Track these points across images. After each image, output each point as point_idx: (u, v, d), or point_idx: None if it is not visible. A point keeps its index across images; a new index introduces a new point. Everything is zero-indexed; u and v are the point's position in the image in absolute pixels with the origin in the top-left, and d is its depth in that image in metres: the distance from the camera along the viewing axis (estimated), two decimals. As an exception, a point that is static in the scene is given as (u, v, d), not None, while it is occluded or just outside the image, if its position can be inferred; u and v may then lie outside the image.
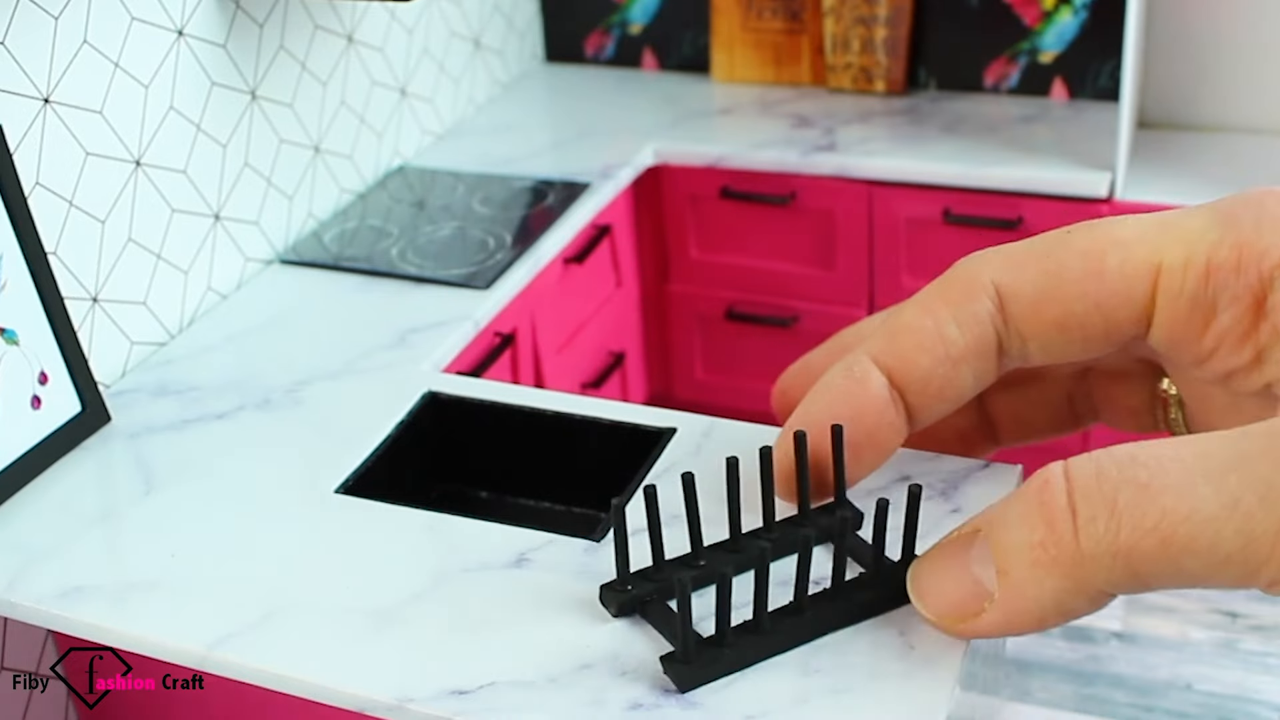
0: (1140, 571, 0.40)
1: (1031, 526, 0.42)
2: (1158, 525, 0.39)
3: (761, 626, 0.60)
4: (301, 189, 1.61)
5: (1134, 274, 0.45)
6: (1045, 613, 0.43)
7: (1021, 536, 0.42)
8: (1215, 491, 0.38)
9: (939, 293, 0.49)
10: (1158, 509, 0.39)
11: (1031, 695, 1.74)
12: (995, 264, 0.48)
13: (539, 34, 2.24)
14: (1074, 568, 0.41)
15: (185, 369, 1.31)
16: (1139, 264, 0.45)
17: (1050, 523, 0.41)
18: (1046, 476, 0.42)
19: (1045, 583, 0.42)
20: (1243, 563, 0.38)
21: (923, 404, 0.50)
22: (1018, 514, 0.43)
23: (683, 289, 2.01)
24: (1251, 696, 1.72)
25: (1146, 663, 1.78)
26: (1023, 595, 0.43)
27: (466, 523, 0.94)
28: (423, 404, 1.19)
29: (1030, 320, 0.47)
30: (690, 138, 1.92)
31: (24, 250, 1.12)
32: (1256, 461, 0.38)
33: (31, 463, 1.09)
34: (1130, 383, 0.53)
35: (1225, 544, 0.38)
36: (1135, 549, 0.39)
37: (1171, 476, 0.39)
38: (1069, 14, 1.91)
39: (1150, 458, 0.39)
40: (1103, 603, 0.43)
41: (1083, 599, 0.42)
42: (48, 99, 1.20)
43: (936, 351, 0.49)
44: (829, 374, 0.52)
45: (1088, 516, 0.40)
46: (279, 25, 1.54)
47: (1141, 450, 0.40)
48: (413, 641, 0.80)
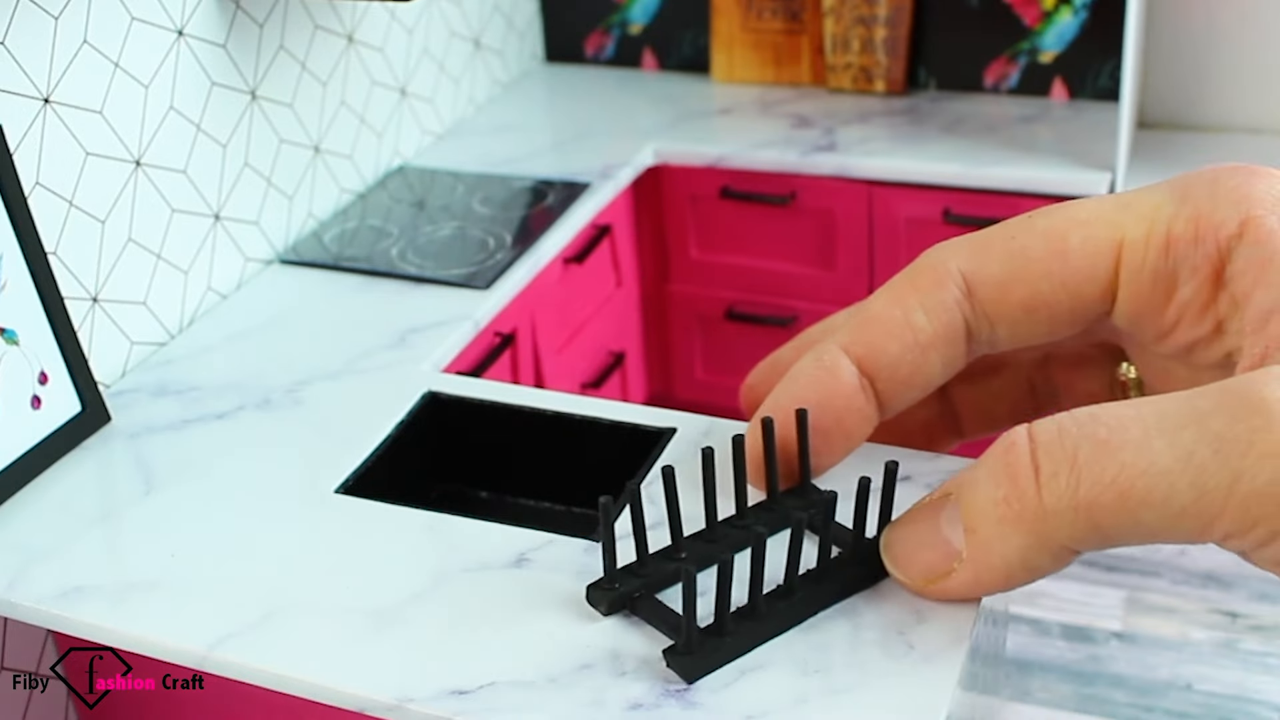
0: (1101, 525, 0.42)
1: (996, 483, 0.44)
2: (1116, 479, 0.40)
3: (758, 611, 0.60)
4: (301, 189, 1.61)
5: (1096, 251, 0.47)
6: (1012, 569, 0.46)
7: (987, 494, 0.45)
8: (1170, 445, 0.40)
9: (907, 282, 0.50)
10: (1116, 464, 0.40)
11: (1031, 695, 1.74)
12: (961, 252, 0.50)
13: (539, 34, 2.24)
14: (1037, 523, 0.43)
15: (185, 369, 1.31)
16: (1101, 241, 0.47)
17: (1014, 479, 0.43)
18: (1012, 438, 0.44)
19: (1011, 539, 0.44)
20: (1197, 515, 0.40)
21: (892, 391, 0.51)
22: (985, 474, 0.45)
23: (683, 289, 2.01)
24: (1251, 696, 1.72)
25: (1146, 663, 1.78)
26: (989, 552, 0.46)
27: (466, 523, 0.94)
28: (423, 404, 1.19)
29: (997, 303, 0.49)
30: (690, 138, 1.92)
31: (24, 250, 1.12)
32: (1210, 417, 0.39)
33: (31, 463, 1.09)
34: (1090, 368, 0.55)
35: (1180, 497, 0.40)
36: (1095, 503, 0.41)
37: (1130, 433, 0.40)
38: (1069, 14, 1.91)
39: (1110, 416, 0.41)
40: (1067, 560, 0.45)
41: (1047, 555, 0.44)
42: (48, 99, 1.20)
43: (905, 339, 0.50)
44: (799, 363, 0.53)
45: (1050, 472, 0.42)
46: (279, 25, 1.54)
47: (1102, 410, 0.42)
48: (413, 641, 0.80)
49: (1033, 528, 0.43)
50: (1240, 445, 0.38)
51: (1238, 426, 0.38)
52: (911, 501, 0.52)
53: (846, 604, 0.70)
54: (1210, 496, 0.39)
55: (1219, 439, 0.39)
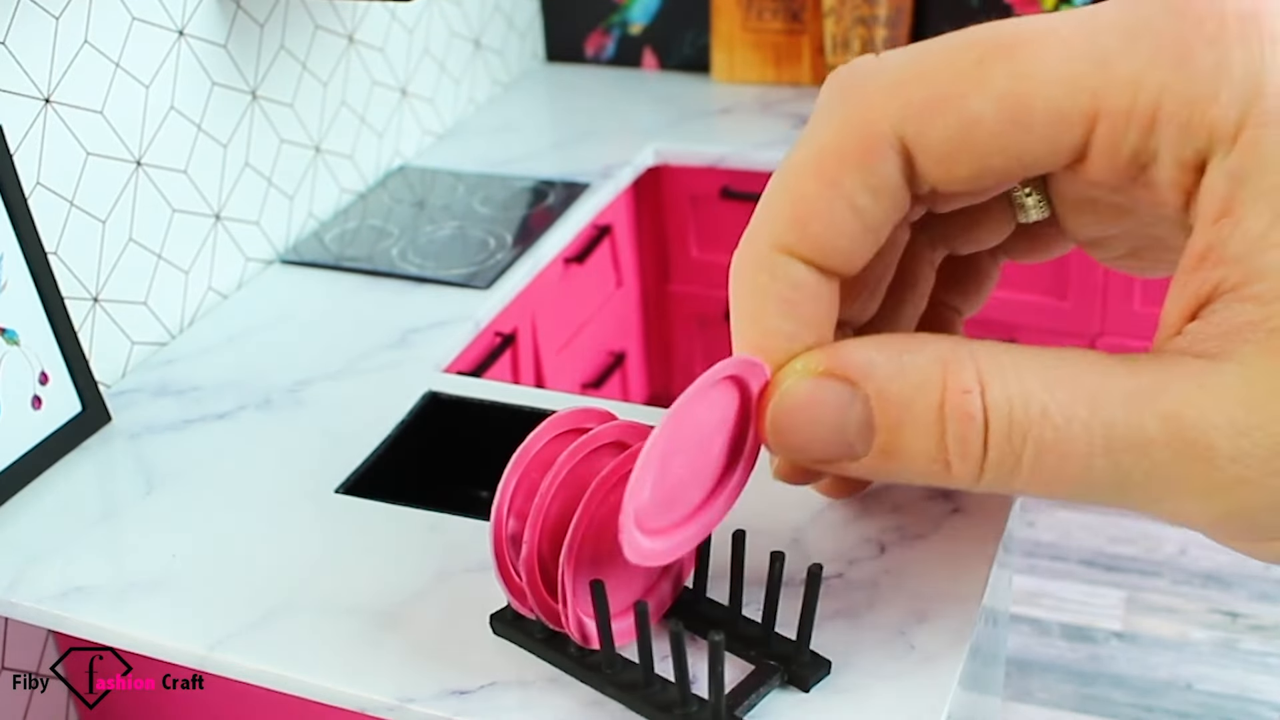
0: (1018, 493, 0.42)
1: (939, 445, 0.42)
2: (1051, 484, 0.41)
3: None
4: (302, 189, 1.61)
5: (1065, 121, 0.39)
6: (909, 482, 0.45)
7: (922, 446, 0.42)
8: (1111, 466, 0.39)
9: (834, 154, 0.43)
10: (1055, 472, 0.40)
11: (1031, 695, 1.74)
12: (893, 109, 0.42)
13: (539, 34, 2.24)
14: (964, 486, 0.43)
15: (186, 369, 1.31)
16: (1072, 111, 0.39)
17: (963, 456, 0.41)
18: (968, 409, 0.41)
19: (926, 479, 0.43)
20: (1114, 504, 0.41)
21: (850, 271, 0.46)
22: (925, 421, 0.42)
23: (683, 289, 2.01)
24: (1251, 696, 1.72)
25: (1146, 663, 1.78)
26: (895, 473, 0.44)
27: (467, 523, 0.94)
28: (423, 404, 1.19)
29: (940, 173, 0.42)
30: (690, 138, 1.92)
31: (24, 250, 1.12)
32: (1155, 448, 0.39)
33: (32, 463, 1.09)
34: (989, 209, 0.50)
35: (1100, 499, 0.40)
36: (1026, 491, 0.41)
37: (1076, 444, 0.40)
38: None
39: (1061, 416, 0.39)
40: None
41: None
42: (48, 99, 1.20)
43: (854, 228, 0.44)
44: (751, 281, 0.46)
45: (995, 460, 0.41)
46: (279, 25, 1.54)
47: (1053, 401, 0.40)
48: (413, 641, 0.80)
49: (956, 486, 0.43)
50: (1175, 484, 0.39)
51: (1177, 466, 0.38)
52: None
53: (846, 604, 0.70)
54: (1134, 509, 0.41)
55: (1155, 472, 0.39)
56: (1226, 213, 0.37)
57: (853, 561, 0.71)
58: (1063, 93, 0.39)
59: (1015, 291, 1.88)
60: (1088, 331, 1.88)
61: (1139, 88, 0.38)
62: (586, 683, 0.67)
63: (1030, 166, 0.41)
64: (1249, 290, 0.37)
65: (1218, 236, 0.37)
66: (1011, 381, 0.40)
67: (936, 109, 0.41)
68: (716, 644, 0.55)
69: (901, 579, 0.70)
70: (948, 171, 0.42)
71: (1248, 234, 0.36)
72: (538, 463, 0.61)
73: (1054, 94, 0.39)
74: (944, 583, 0.69)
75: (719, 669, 0.57)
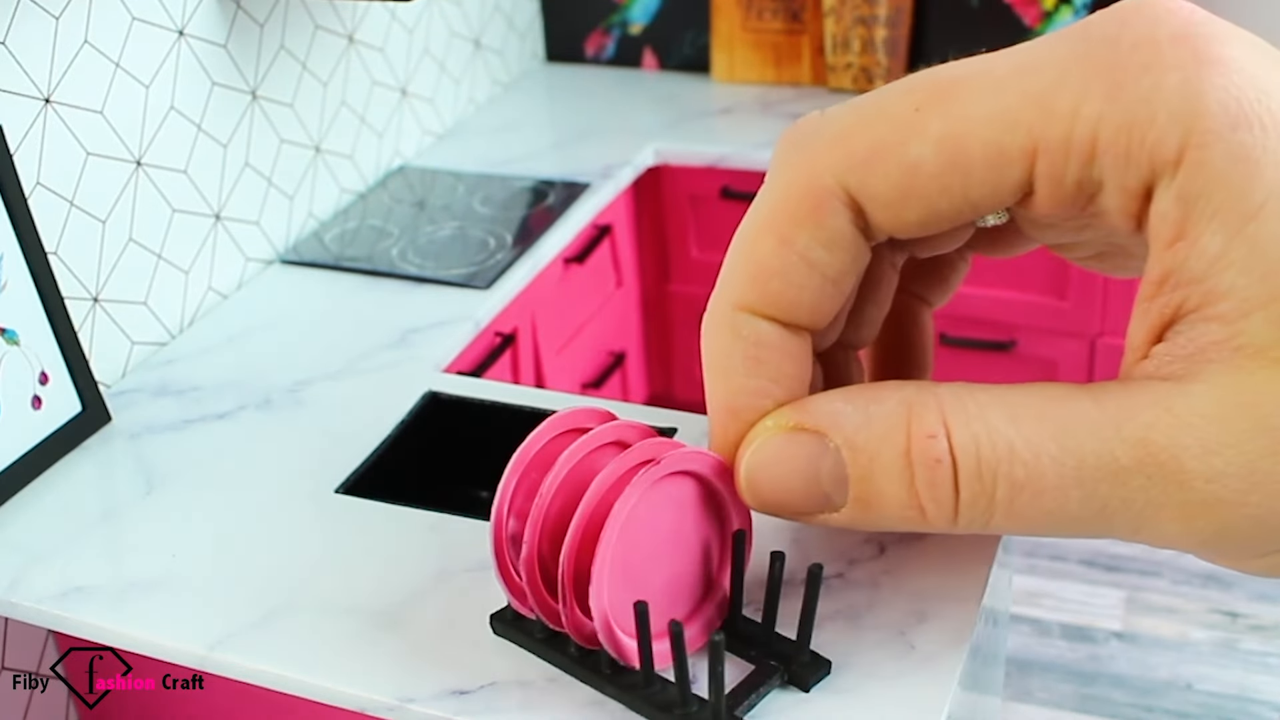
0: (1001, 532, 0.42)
1: (910, 491, 0.42)
2: (1027, 519, 0.41)
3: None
4: (302, 189, 1.61)
5: (1005, 160, 0.39)
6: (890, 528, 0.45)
7: (896, 494, 0.42)
8: (1085, 498, 0.39)
9: (784, 212, 0.43)
10: (1029, 507, 0.40)
11: (1031, 695, 1.74)
12: (832, 160, 0.42)
13: (539, 34, 2.24)
14: (942, 529, 0.43)
15: (186, 369, 1.31)
16: (1010, 149, 0.39)
17: (935, 500, 0.42)
18: (934, 453, 0.41)
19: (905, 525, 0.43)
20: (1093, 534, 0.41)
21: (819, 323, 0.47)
22: (894, 469, 0.42)
23: (683, 289, 2.01)
24: (1251, 696, 1.72)
25: (1146, 663, 1.78)
26: (876, 523, 0.44)
27: (467, 523, 0.94)
28: (423, 404, 1.19)
29: (890, 221, 0.42)
30: (690, 138, 1.92)
31: (24, 250, 1.12)
32: (1130, 475, 0.38)
33: (32, 463, 1.09)
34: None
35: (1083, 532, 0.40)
36: (1002, 528, 0.41)
37: (1047, 479, 0.40)
38: (1069, 14, 1.91)
39: (1029, 454, 0.40)
40: None
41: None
42: (48, 99, 1.20)
43: (813, 282, 0.44)
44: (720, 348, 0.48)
45: (968, 501, 0.41)
46: (279, 25, 1.54)
47: (1019, 438, 0.40)
48: (413, 641, 0.80)
49: (936, 530, 0.43)
50: (1154, 510, 0.39)
51: (1153, 490, 0.38)
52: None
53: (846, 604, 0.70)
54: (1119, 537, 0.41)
55: (1132, 499, 0.39)
56: (1180, 236, 0.37)
57: (853, 561, 0.71)
58: (998, 131, 0.39)
59: (1015, 291, 1.88)
60: (1087, 331, 1.88)
61: (1075, 119, 0.37)
62: (586, 683, 0.67)
63: (978, 206, 0.41)
64: (1212, 310, 0.37)
65: (1174, 261, 0.37)
66: (976, 421, 0.40)
67: (878, 158, 0.41)
68: (716, 644, 0.55)
69: (901, 579, 0.70)
70: (897, 218, 0.42)
71: (1204, 254, 0.36)
72: (538, 462, 0.61)
73: (990, 133, 0.39)
74: (944, 583, 0.69)
75: (719, 669, 0.57)
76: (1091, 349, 1.89)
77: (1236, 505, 0.37)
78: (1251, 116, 0.36)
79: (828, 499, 0.45)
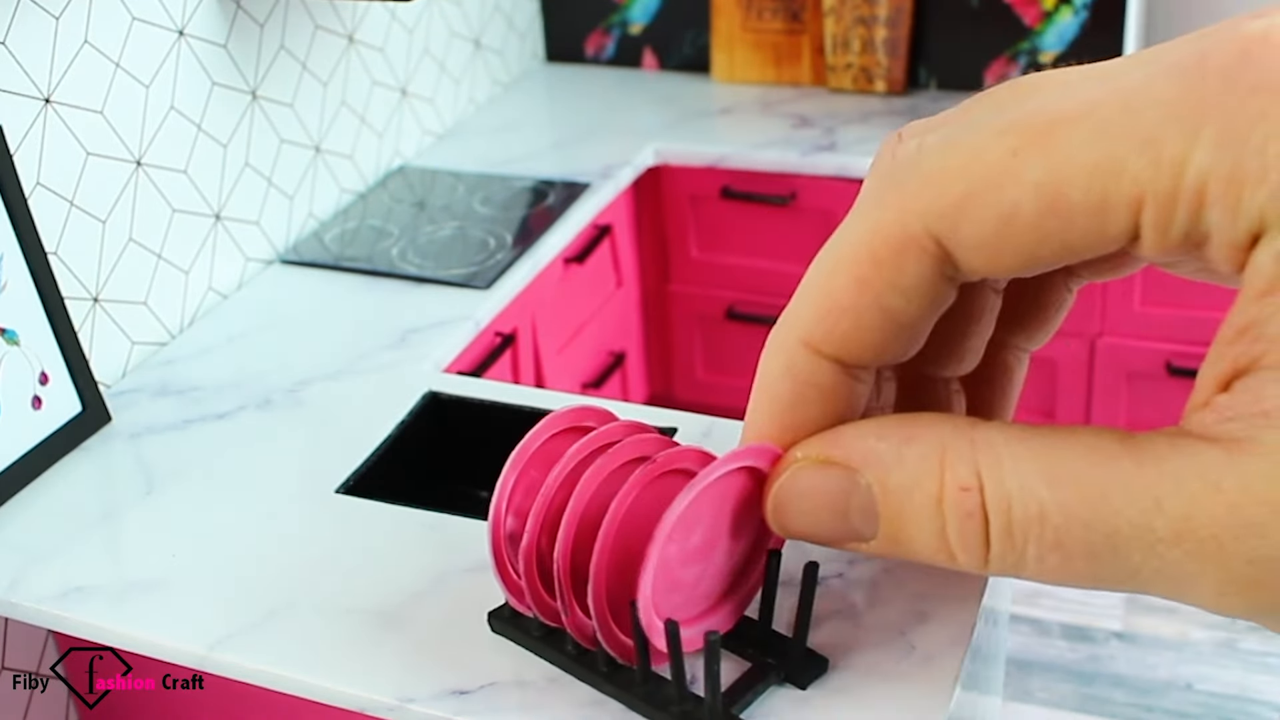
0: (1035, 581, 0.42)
1: (940, 537, 0.42)
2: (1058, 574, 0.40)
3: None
4: (302, 189, 1.61)
5: (1109, 207, 0.37)
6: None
7: (927, 538, 0.42)
8: (1118, 564, 0.39)
9: (866, 252, 0.42)
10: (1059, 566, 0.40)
11: (1031, 695, 1.74)
12: (923, 204, 0.41)
13: (539, 34, 2.24)
14: (972, 572, 0.42)
15: (186, 369, 1.31)
16: (1114, 196, 0.37)
17: (965, 549, 0.41)
18: (966, 506, 0.40)
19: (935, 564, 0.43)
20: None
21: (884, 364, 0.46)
22: (925, 515, 0.42)
23: (683, 289, 2.01)
24: (1251, 696, 1.72)
25: (1146, 663, 1.78)
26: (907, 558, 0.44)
27: (467, 523, 0.94)
28: (423, 404, 1.19)
29: (983, 265, 0.41)
30: (690, 138, 1.92)
31: (24, 250, 1.12)
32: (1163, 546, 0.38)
33: (32, 463, 1.09)
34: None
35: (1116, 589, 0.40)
36: (1037, 579, 0.41)
37: (1078, 545, 0.39)
38: (1069, 14, 1.91)
39: (1061, 518, 0.39)
40: None
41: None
42: (48, 99, 1.20)
43: (886, 329, 0.43)
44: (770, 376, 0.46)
45: (998, 554, 0.41)
46: (279, 25, 1.54)
47: (1053, 501, 0.39)
48: (413, 641, 0.80)
49: (967, 571, 0.43)
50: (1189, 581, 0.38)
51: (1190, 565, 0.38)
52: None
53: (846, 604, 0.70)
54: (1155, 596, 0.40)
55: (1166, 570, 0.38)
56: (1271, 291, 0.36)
57: (853, 561, 0.71)
58: (1102, 179, 0.37)
59: (1015, 291, 1.88)
60: (1087, 331, 1.88)
61: (1183, 168, 0.36)
62: (584, 680, 0.67)
63: (1080, 252, 0.39)
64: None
65: (1261, 313, 0.36)
66: (1010, 478, 0.40)
67: (971, 203, 0.40)
68: (713, 642, 0.55)
69: (901, 579, 0.70)
70: (991, 263, 0.41)
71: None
72: (536, 461, 0.61)
73: (1093, 182, 0.37)
74: (944, 583, 0.69)
75: (715, 667, 0.57)
76: (1091, 349, 1.89)
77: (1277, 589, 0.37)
78: None
79: (856, 532, 0.44)
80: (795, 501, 0.47)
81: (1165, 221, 0.37)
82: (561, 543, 0.57)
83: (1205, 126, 0.36)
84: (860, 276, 0.42)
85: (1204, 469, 0.37)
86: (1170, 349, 1.81)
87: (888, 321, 0.43)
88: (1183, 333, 1.82)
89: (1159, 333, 1.81)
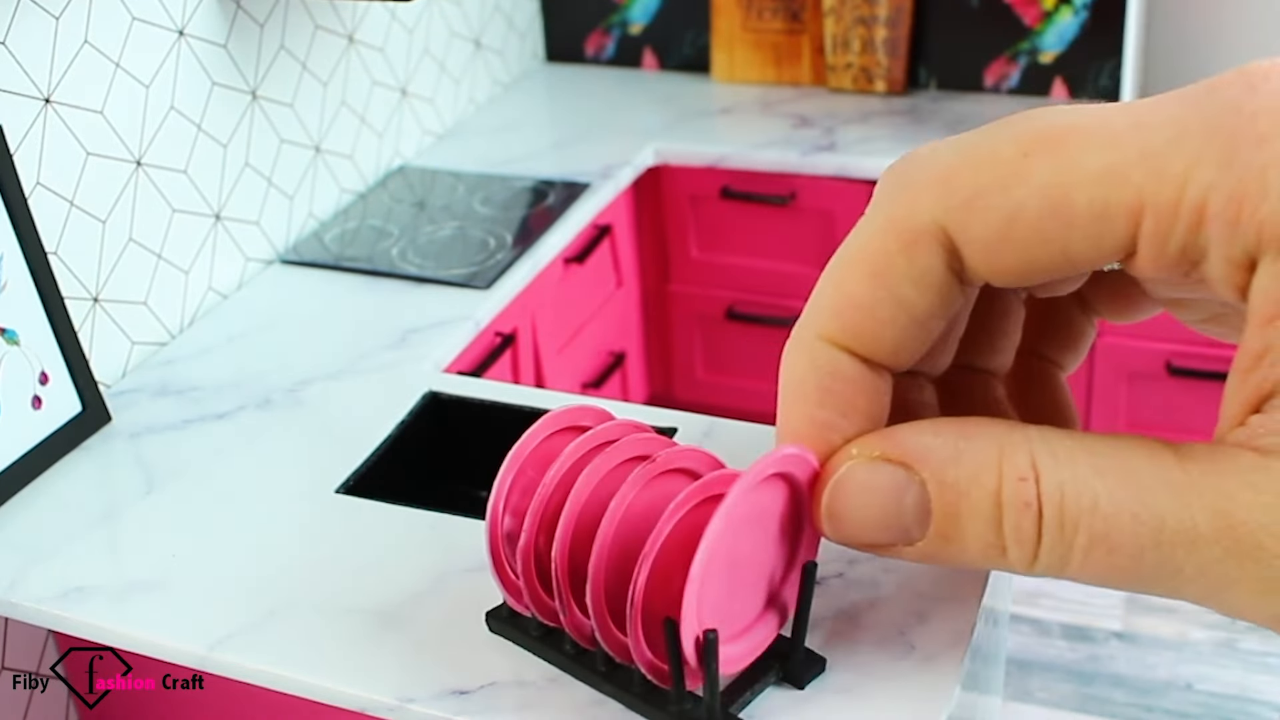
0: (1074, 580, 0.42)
1: (996, 532, 0.42)
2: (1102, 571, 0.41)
3: None
4: (302, 189, 1.61)
5: (1109, 215, 0.39)
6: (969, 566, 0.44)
7: (982, 533, 0.42)
8: (1161, 561, 0.39)
9: (878, 247, 0.44)
10: (1104, 561, 0.40)
11: (1031, 695, 1.74)
12: (933, 199, 0.42)
13: (539, 34, 2.24)
14: (1017, 571, 0.43)
15: (186, 369, 1.31)
16: (1115, 205, 0.38)
17: (1019, 543, 0.42)
18: (1025, 496, 0.41)
19: (985, 564, 0.43)
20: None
21: (901, 363, 0.47)
22: (984, 508, 0.42)
23: (683, 289, 2.01)
24: (1251, 696, 1.72)
25: (1146, 663, 1.78)
26: (951, 559, 0.44)
27: (467, 523, 0.94)
28: (423, 404, 1.19)
29: (986, 265, 0.42)
30: (690, 138, 1.92)
31: (24, 250, 1.12)
32: (1208, 545, 0.38)
33: (32, 463, 1.09)
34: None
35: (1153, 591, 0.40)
36: (1075, 577, 0.41)
37: (1125, 536, 0.39)
38: (1069, 14, 1.91)
39: (1111, 508, 0.39)
40: None
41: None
42: (48, 99, 1.20)
43: (899, 321, 0.44)
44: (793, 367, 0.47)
45: (1048, 547, 0.41)
46: (280, 25, 1.54)
47: (1104, 491, 0.40)
48: (413, 641, 0.80)
49: (1011, 570, 0.43)
50: (1228, 581, 0.38)
51: (1229, 563, 0.38)
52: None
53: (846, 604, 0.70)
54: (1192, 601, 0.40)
55: (1206, 568, 0.39)
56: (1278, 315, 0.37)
57: (853, 561, 0.71)
58: (1106, 186, 0.38)
59: (1015, 291, 1.88)
60: (1088, 331, 1.87)
61: (1185, 183, 0.37)
62: (582, 680, 0.67)
63: (1077, 261, 0.41)
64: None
65: (1274, 337, 0.37)
66: (1064, 468, 0.40)
67: (979, 200, 0.41)
68: (711, 641, 0.55)
69: (902, 579, 0.70)
70: (993, 263, 0.42)
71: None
72: (533, 460, 0.61)
73: (1097, 187, 0.38)
74: (944, 583, 0.69)
75: (714, 666, 0.57)
76: (1091, 349, 1.89)
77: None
78: None
79: (907, 532, 0.45)
80: (849, 498, 0.46)
81: (1163, 233, 0.38)
82: (559, 542, 0.57)
83: (1210, 146, 0.37)
84: (874, 270, 0.44)
85: (1241, 468, 0.38)
86: (1170, 349, 1.81)
87: (901, 314, 0.44)
88: (1183, 333, 1.81)
89: (1159, 333, 1.81)
